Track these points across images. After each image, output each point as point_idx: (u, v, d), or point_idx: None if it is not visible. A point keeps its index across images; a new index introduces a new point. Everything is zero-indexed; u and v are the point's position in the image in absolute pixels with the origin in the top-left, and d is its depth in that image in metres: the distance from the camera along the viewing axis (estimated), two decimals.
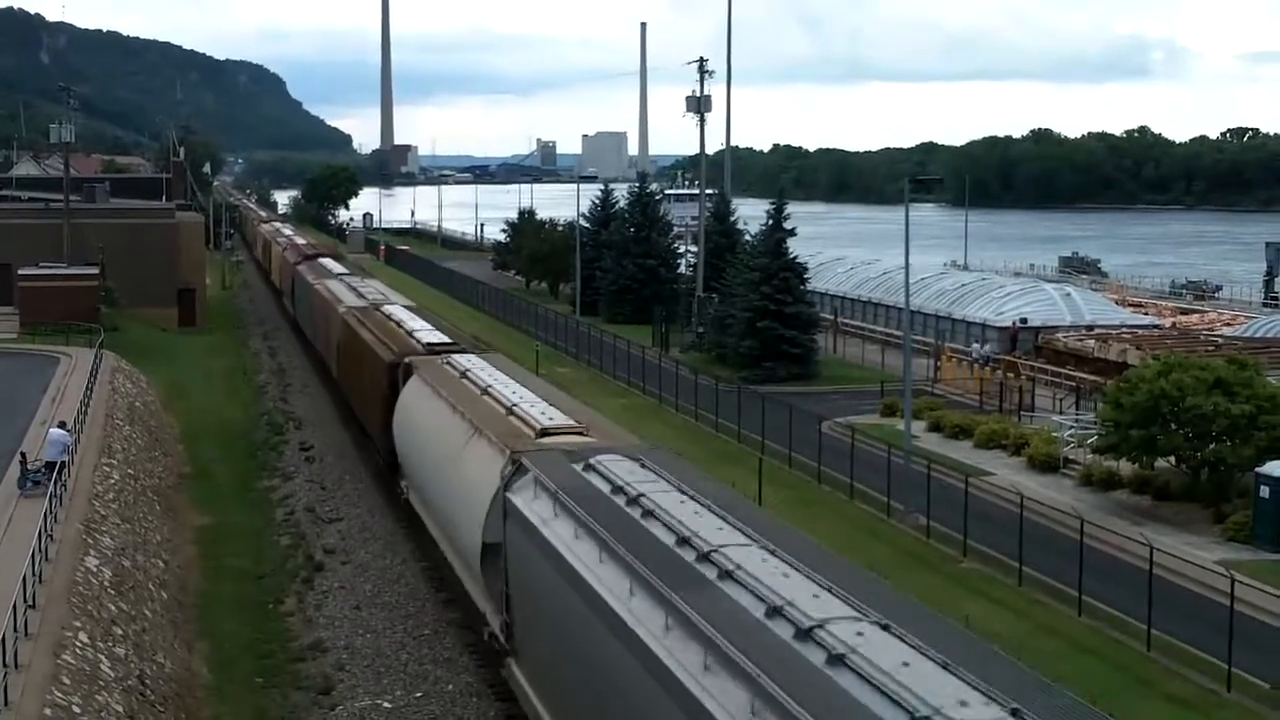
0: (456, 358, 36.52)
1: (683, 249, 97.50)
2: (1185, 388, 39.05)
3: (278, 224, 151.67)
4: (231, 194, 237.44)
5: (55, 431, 34.76)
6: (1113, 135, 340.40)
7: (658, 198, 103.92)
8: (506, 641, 23.82)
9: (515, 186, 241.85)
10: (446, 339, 42.40)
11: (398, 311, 50.91)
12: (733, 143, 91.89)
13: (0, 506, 32.07)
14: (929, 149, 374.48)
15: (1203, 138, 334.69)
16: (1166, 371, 40.16)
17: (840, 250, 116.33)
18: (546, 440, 25.60)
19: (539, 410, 28.06)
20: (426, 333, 43.73)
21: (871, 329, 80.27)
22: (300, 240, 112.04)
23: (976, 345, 67.68)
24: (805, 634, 14.14)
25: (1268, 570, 33.86)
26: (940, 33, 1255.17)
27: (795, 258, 69.87)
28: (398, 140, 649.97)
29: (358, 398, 47.17)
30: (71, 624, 24.67)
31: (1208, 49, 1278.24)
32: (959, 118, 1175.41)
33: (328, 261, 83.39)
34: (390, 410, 37.65)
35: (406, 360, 37.98)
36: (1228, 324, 78.35)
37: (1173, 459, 40.78)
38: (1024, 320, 69.78)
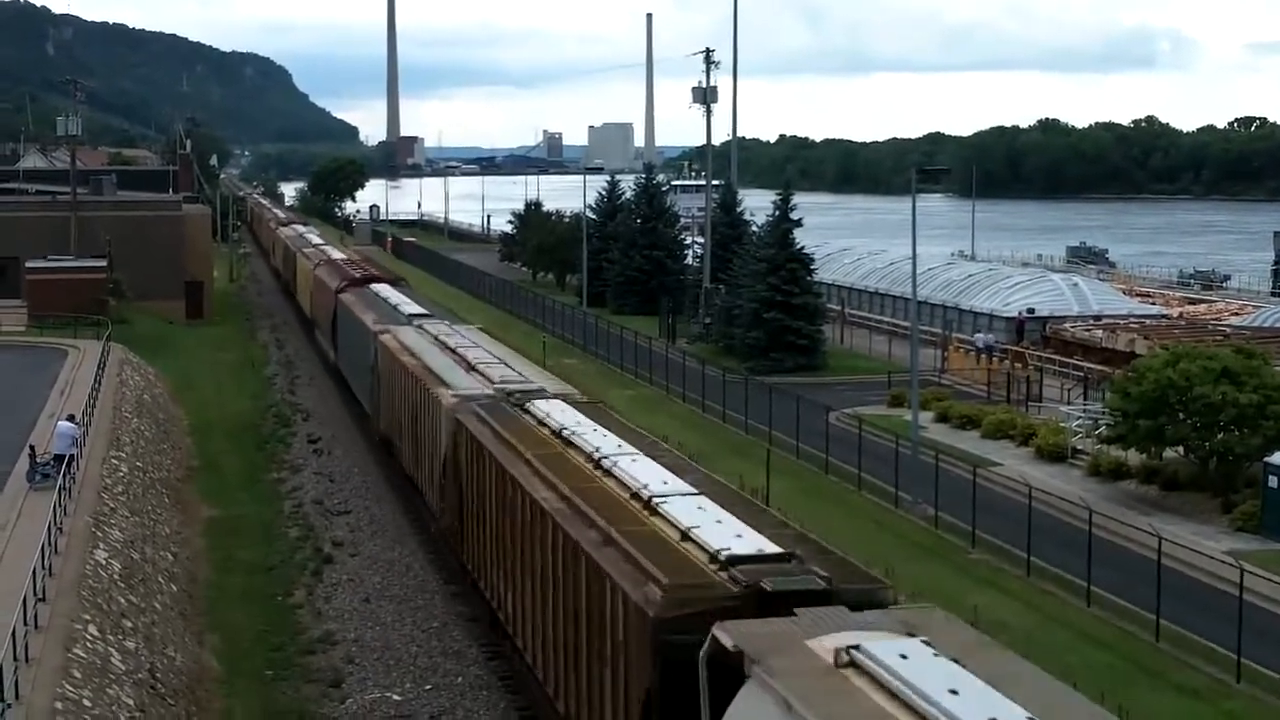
0: (878, 652, 13.08)
1: (689, 240, 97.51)
2: (1193, 377, 39.02)
3: (300, 227, 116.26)
4: (239, 186, 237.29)
5: (63, 424, 34.82)
6: (1120, 125, 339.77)
7: (664, 189, 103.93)
8: None
9: (522, 178, 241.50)
10: (768, 544, 17.44)
11: (578, 424, 25.68)
12: (739, 134, 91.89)
13: (9, 499, 32.15)
14: (936, 139, 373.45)
15: (1210, 127, 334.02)
16: (1174, 361, 40.13)
17: (847, 241, 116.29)
18: None
19: None
20: (697, 516, 18.69)
21: (878, 319, 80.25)
22: (338, 254, 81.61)
23: (980, 335, 67.68)
24: None
25: (1276, 560, 33.83)
26: (945, 23, 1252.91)
27: (802, 248, 69.86)
28: (404, 132, 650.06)
29: (537, 639, 22.77)
30: (81, 617, 24.71)
31: (1214, 39, 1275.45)
32: (966, 108, 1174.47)
33: (387, 291, 57.49)
34: None
35: (723, 640, 14.50)
36: (1235, 314, 78.27)
37: (1181, 449, 40.75)
38: (1031, 310, 69.76)
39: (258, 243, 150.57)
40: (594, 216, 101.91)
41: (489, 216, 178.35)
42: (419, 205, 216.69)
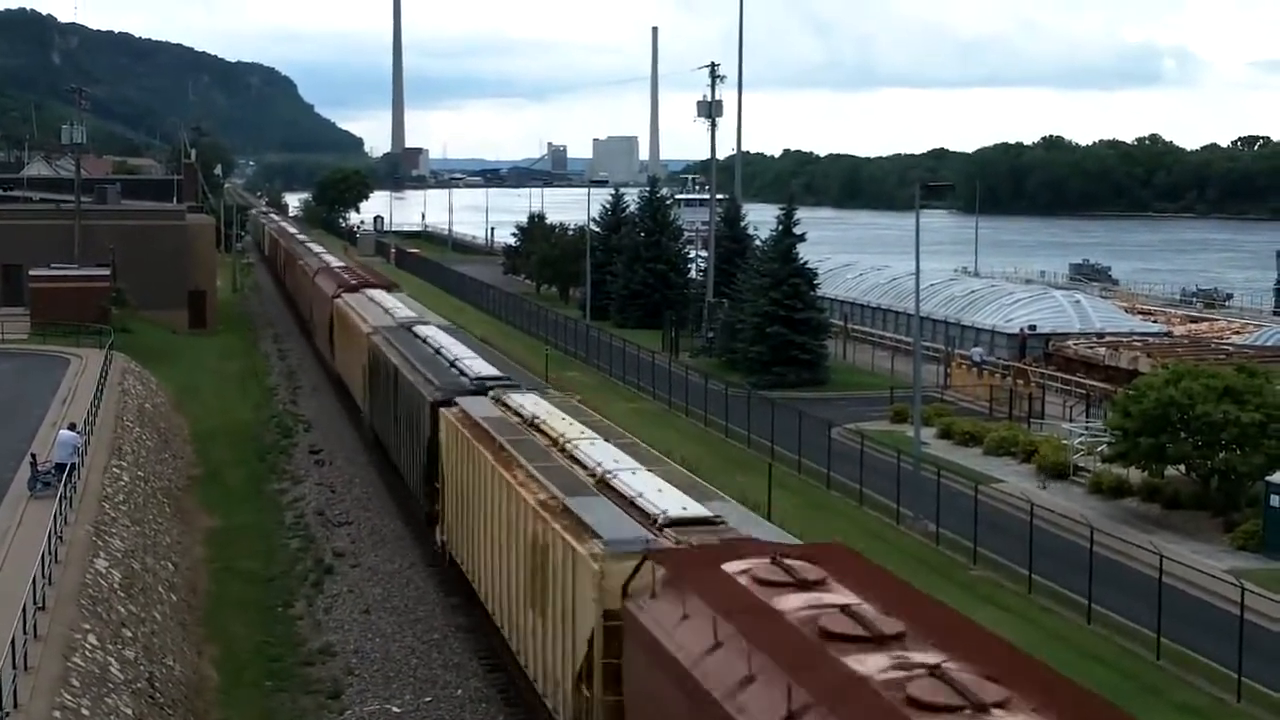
0: None
1: (693, 254, 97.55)
2: (1195, 396, 39.01)
3: (391, 301, 57.33)
4: (244, 196, 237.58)
5: (65, 433, 34.85)
6: (1124, 143, 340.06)
7: (668, 202, 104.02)
8: None
9: (526, 190, 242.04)
10: None
11: None
12: (743, 148, 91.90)
13: (10, 508, 32.17)
14: (940, 155, 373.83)
15: (1213, 146, 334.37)
16: (1176, 379, 40.12)
17: (850, 256, 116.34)
18: None
19: None
20: None
21: (881, 335, 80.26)
22: (588, 433, 26.79)
23: (975, 349, 67.76)
24: None
25: (1277, 579, 33.81)
26: (951, 39, 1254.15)
27: (805, 263, 69.89)
28: (409, 143, 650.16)
29: None
30: (81, 626, 24.70)
31: (1219, 57, 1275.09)
32: (970, 124, 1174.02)
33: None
34: None
35: None
36: (1236, 332, 78.29)
37: (1182, 467, 40.73)
38: (1032, 327, 69.81)
39: (282, 290, 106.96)
40: (598, 230, 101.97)
41: (493, 229, 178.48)
42: (423, 217, 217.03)
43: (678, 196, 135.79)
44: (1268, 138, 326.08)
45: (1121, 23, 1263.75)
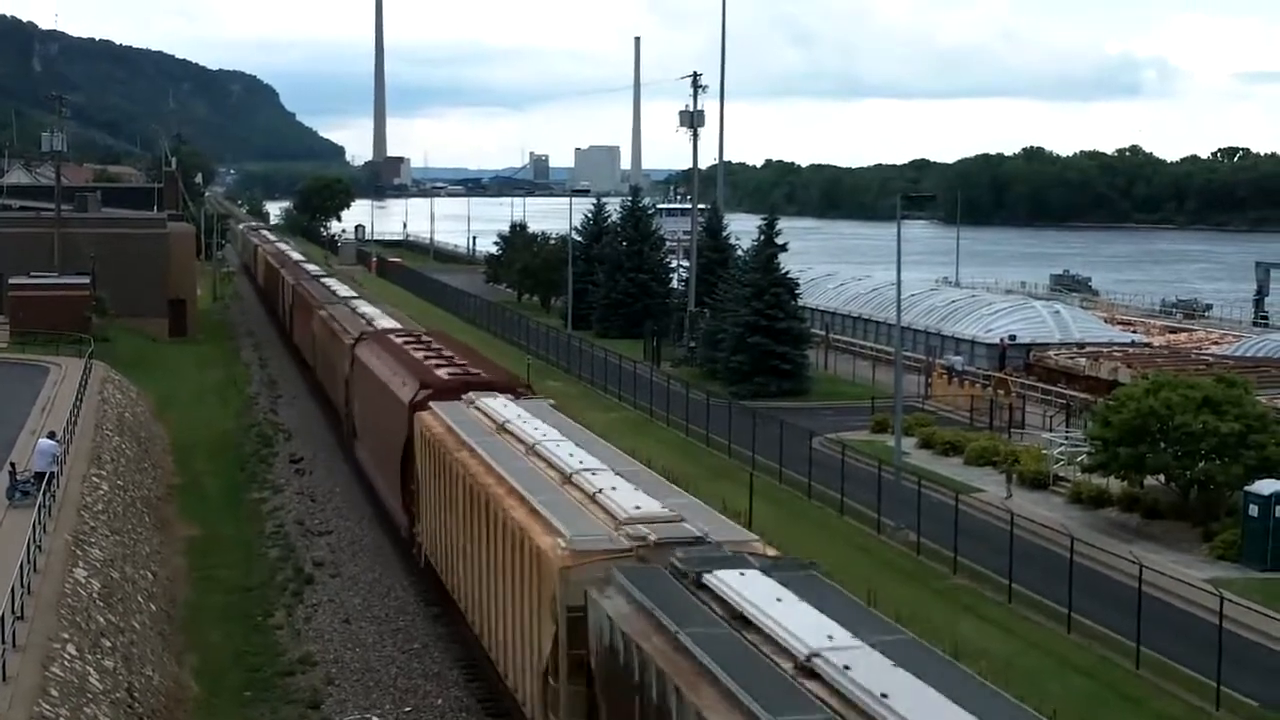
0: None
1: (675, 263, 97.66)
2: (1174, 406, 39.18)
3: (502, 406, 30.66)
4: (224, 205, 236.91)
5: (44, 442, 34.68)
6: (1104, 154, 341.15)
7: (650, 212, 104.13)
8: None
9: (508, 199, 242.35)
10: None
11: None
12: (725, 158, 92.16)
13: None
14: (921, 166, 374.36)
15: (1193, 157, 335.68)
16: (1155, 390, 40.30)
17: (831, 266, 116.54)
18: None
19: None
20: None
21: (862, 345, 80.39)
22: None
23: (958, 358, 67.94)
24: None
25: (1256, 589, 33.95)
26: (933, 50, 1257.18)
27: (786, 273, 69.99)
28: (390, 152, 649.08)
29: None
30: (60, 636, 24.59)
31: (1199, 69, 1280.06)
32: (951, 135, 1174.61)
33: None
34: None
35: None
36: (1215, 343, 78.64)
37: (1162, 477, 40.87)
38: (1013, 337, 70.03)
39: (282, 332, 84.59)
40: (579, 239, 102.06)
41: (474, 238, 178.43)
42: (405, 225, 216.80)
43: (659, 206, 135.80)
44: (1247, 149, 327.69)
45: (1102, 34, 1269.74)
